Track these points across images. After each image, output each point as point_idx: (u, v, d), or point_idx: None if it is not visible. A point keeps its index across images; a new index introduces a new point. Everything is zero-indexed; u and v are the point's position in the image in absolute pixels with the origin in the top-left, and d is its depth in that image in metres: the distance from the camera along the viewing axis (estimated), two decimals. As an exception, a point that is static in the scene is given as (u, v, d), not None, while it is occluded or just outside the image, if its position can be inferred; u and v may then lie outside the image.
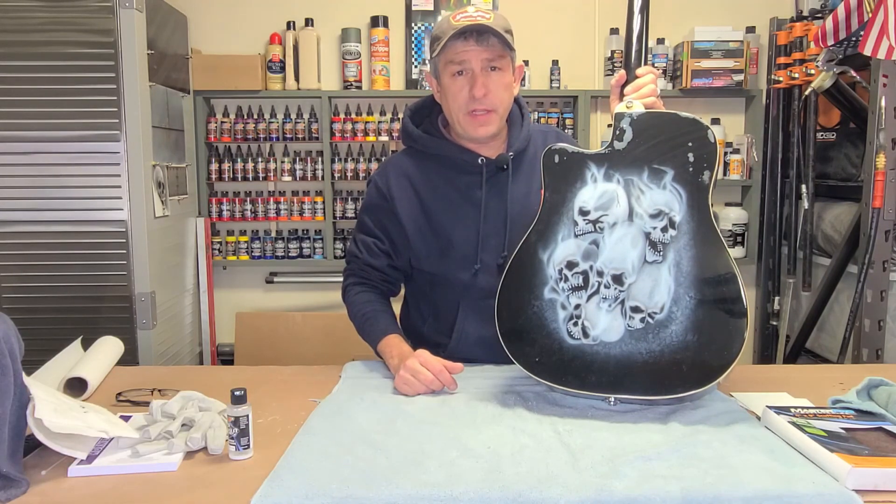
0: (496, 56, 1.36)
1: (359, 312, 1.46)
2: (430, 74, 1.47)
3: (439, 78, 1.42)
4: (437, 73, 1.42)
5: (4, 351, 0.93)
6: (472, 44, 1.34)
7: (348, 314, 1.50)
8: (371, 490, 0.86)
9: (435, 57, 1.39)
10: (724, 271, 1.11)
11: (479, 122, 1.38)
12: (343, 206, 3.08)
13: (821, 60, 2.42)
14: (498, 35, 1.33)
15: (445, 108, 1.43)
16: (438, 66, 1.41)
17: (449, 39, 1.33)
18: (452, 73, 1.37)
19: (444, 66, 1.38)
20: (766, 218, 3.04)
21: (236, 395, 0.97)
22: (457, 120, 1.40)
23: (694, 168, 1.14)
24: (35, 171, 2.39)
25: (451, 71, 1.37)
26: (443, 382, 1.23)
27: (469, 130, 1.39)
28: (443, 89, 1.42)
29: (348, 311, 1.50)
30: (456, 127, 1.42)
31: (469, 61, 1.35)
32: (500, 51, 1.36)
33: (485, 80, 1.35)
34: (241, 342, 3.07)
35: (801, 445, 0.97)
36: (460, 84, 1.37)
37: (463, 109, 1.38)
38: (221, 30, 3.09)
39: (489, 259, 1.41)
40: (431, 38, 1.42)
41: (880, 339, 2.24)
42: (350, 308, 1.49)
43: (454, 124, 1.43)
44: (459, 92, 1.37)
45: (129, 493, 0.89)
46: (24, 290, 2.43)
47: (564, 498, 0.85)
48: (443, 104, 1.44)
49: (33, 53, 2.34)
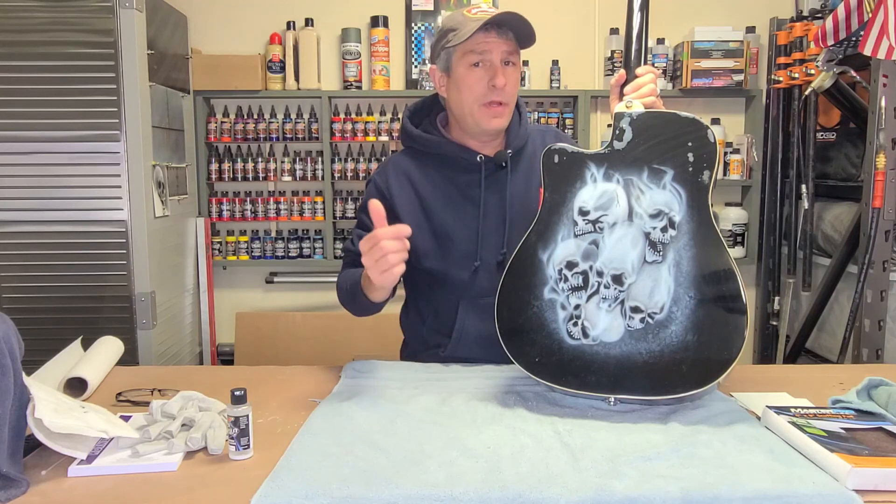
0: (514, 50, 1.36)
1: (345, 283, 1.40)
2: (435, 68, 1.44)
3: (451, 69, 1.40)
4: (449, 65, 1.40)
5: (4, 351, 0.93)
6: (493, 35, 1.34)
7: (339, 297, 1.44)
8: (371, 490, 0.86)
9: (450, 47, 1.37)
10: (724, 271, 1.11)
11: (493, 114, 1.37)
12: (343, 206, 3.08)
13: (821, 60, 2.42)
14: (519, 28, 1.33)
15: (455, 100, 1.41)
16: (453, 58, 1.38)
17: (472, 30, 1.31)
18: (470, 64, 1.36)
19: (462, 57, 1.36)
20: (766, 218, 3.04)
21: (236, 395, 0.97)
22: (469, 113, 1.39)
23: (694, 168, 1.14)
24: (35, 171, 2.39)
25: (469, 61, 1.36)
26: (396, 233, 1.12)
27: (482, 123, 1.38)
28: (455, 81, 1.39)
29: (338, 293, 1.44)
30: (467, 120, 1.40)
31: (490, 52, 1.34)
32: (515, 46, 1.37)
33: (504, 72, 1.35)
34: (241, 342, 3.07)
35: (801, 445, 0.97)
36: (478, 75, 1.36)
37: (479, 100, 1.37)
38: (221, 30, 3.09)
39: (489, 257, 1.41)
40: (444, 31, 1.39)
41: (880, 339, 2.24)
42: (338, 287, 1.44)
43: (465, 117, 1.40)
44: (477, 83, 1.36)
45: (129, 493, 0.89)
46: (24, 290, 2.43)
47: (564, 498, 0.85)
48: (451, 97, 1.42)
49: (33, 53, 2.34)
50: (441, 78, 1.44)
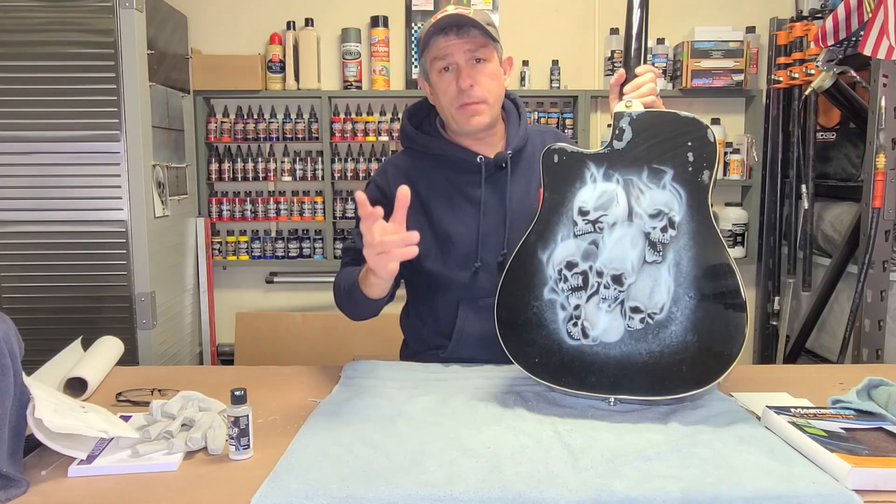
0: (478, 46, 1.36)
1: (343, 281, 1.37)
2: (421, 78, 1.48)
3: (428, 78, 1.43)
4: (427, 75, 1.43)
5: (4, 351, 0.93)
6: (452, 38, 1.35)
7: (335, 296, 1.41)
8: (371, 490, 0.86)
9: (421, 58, 1.41)
10: (724, 271, 1.11)
11: (469, 113, 1.38)
12: (343, 206, 3.08)
13: (821, 60, 2.42)
14: (478, 26, 1.34)
15: (439, 107, 1.44)
16: (426, 66, 1.42)
17: (431, 37, 1.35)
18: (439, 70, 1.39)
19: (431, 65, 1.40)
20: (766, 218, 3.04)
21: (236, 395, 0.97)
22: (450, 116, 1.41)
23: (693, 168, 1.13)
24: (35, 171, 2.39)
25: (438, 68, 1.38)
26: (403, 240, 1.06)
27: (462, 124, 1.40)
28: (433, 88, 1.43)
29: (335, 291, 1.41)
30: (451, 124, 1.43)
31: (452, 55, 1.36)
32: (481, 41, 1.36)
33: (470, 72, 1.36)
34: (241, 342, 3.07)
35: (801, 445, 0.97)
36: (448, 79, 1.38)
37: (453, 104, 1.39)
38: (221, 30, 3.09)
39: (489, 257, 1.41)
40: (420, 40, 1.42)
41: (880, 339, 2.24)
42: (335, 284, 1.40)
43: (449, 121, 1.43)
44: (448, 87, 1.38)
45: (129, 493, 0.89)
46: (24, 290, 2.43)
47: (564, 498, 0.85)
48: (436, 104, 1.45)
49: (33, 53, 2.34)
50: (425, 85, 1.47)
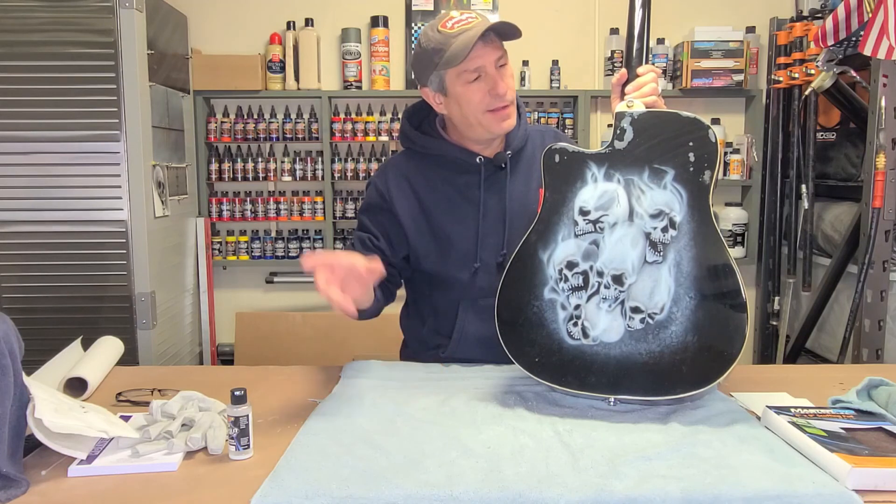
0: (503, 52, 1.36)
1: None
2: (428, 90, 1.41)
3: (446, 90, 1.37)
4: (444, 86, 1.37)
5: (4, 351, 0.93)
6: (480, 47, 1.31)
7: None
8: (371, 490, 0.86)
9: (436, 71, 1.35)
10: (724, 271, 1.11)
11: (501, 117, 1.37)
12: (343, 206, 3.08)
13: (821, 60, 2.42)
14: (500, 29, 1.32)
15: (458, 115, 1.38)
16: (446, 79, 1.36)
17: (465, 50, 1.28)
18: (467, 82, 1.34)
19: (458, 76, 1.34)
20: (766, 218, 3.04)
21: (236, 395, 0.97)
22: (477, 122, 1.37)
23: (694, 168, 1.13)
24: (35, 171, 2.39)
25: (467, 80, 1.34)
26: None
27: (493, 127, 1.37)
28: (454, 98, 1.37)
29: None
30: (475, 129, 1.39)
31: (484, 65, 1.33)
32: (500, 45, 1.36)
33: (503, 77, 1.35)
34: (241, 342, 3.07)
35: (801, 445, 0.97)
36: (477, 87, 1.34)
37: (484, 109, 1.35)
38: (221, 30, 3.09)
39: (488, 258, 1.41)
40: (426, 52, 1.35)
41: (880, 339, 2.24)
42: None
43: (472, 127, 1.38)
44: (477, 94, 1.34)
45: (129, 493, 0.89)
46: (24, 290, 2.43)
47: (564, 498, 0.85)
48: (453, 113, 1.40)
49: (33, 53, 2.34)
50: (436, 97, 1.41)
